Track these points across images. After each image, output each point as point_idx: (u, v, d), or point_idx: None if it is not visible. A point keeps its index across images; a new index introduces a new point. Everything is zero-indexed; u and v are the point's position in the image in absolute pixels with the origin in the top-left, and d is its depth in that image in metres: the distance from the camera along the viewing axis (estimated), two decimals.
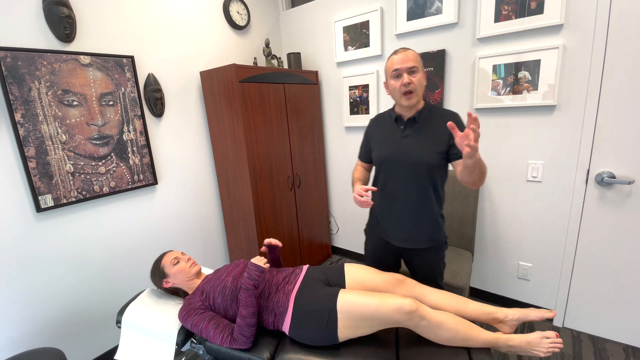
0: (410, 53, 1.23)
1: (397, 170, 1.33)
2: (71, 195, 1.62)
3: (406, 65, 1.21)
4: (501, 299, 2.12)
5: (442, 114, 1.31)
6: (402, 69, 1.21)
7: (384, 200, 1.40)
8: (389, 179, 1.37)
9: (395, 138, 1.33)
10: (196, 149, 2.19)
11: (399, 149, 1.31)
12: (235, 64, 1.87)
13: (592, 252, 1.74)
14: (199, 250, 2.28)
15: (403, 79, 1.22)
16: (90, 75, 1.64)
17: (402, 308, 1.10)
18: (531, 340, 1.17)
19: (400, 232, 1.38)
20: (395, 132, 1.34)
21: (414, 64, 1.22)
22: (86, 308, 1.74)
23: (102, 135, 1.70)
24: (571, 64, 1.61)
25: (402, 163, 1.31)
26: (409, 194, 1.32)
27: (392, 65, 1.25)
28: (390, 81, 1.28)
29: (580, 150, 1.67)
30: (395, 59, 1.24)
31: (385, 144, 1.37)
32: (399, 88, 1.24)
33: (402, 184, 1.33)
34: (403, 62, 1.21)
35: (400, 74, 1.22)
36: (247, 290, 1.21)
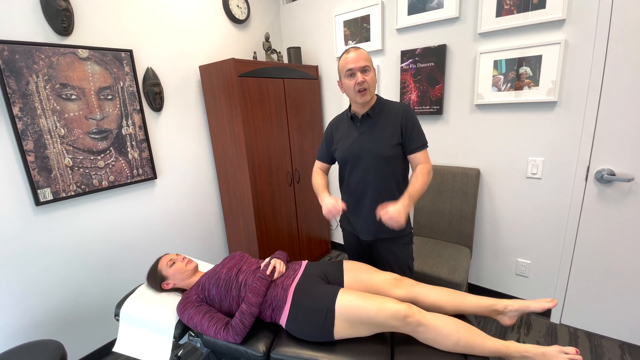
0: (362, 52, 1.28)
1: (358, 166, 1.39)
2: (70, 189, 1.63)
3: (359, 65, 1.25)
4: (499, 296, 2.12)
5: (394, 107, 1.37)
6: (356, 69, 1.25)
7: (350, 196, 1.46)
8: (352, 175, 1.42)
9: (353, 135, 1.39)
10: (195, 143, 2.19)
11: (358, 145, 1.36)
12: (234, 58, 1.86)
13: (591, 250, 1.74)
14: (197, 244, 2.29)
15: (357, 78, 1.26)
16: (89, 69, 1.64)
17: (398, 314, 1.10)
18: (547, 353, 1.08)
19: (366, 225, 1.43)
20: (352, 129, 1.40)
21: (366, 63, 1.27)
22: (85, 301, 1.75)
23: (100, 130, 1.70)
24: (573, 60, 1.59)
25: (362, 158, 1.36)
26: (372, 188, 1.38)
27: (345, 64, 1.28)
28: (344, 80, 1.31)
29: (580, 147, 1.66)
30: (348, 58, 1.27)
31: (345, 142, 1.41)
32: (354, 87, 1.27)
33: (364, 179, 1.38)
34: (356, 61, 1.25)
35: (354, 73, 1.26)
36: (263, 279, 1.27)
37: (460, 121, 2.00)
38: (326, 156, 1.55)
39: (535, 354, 1.09)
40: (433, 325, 1.12)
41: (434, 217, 2.11)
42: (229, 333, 1.18)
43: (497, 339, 1.13)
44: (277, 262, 1.38)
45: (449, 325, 1.13)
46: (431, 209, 2.12)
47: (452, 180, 2.02)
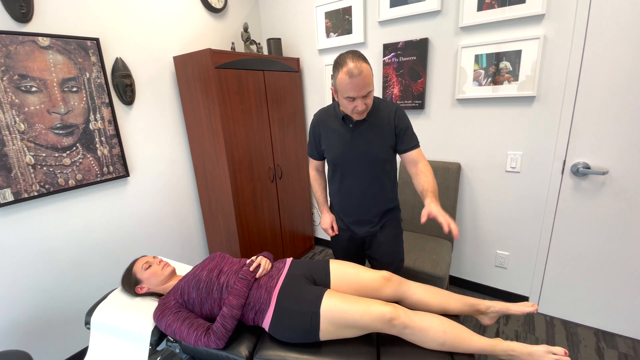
0: (366, 76, 1.11)
1: (352, 168, 1.37)
2: (33, 189, 1.51)
3: (362, 93, 1.12)
4: (479, 287, 2.17)
5: (385, 108, 1.32)
6: (358, 97, 1.13)
7: (343, 198, 1.44)
8: (345, 177, 1.39)
9: (346, 137, 1.32)
10: (171, 138, 2.08)
11: (352, 148, 1.32)
12: (211, 48, 1.77)
13: (566, 241, 1.80)
14: (176, 245, 2.20)
15: (357, 105, 1.15)
16: (50, 58, 1.51)
17: (383, 316, 1.08)
18: (534, 352, 1.08)
19: (360, 224, 1.44)
20: (344, 131, 1.32)
21: (369, 88, 1.14)
22: (54, 308, 1.65)
23: (65, 124, 1.58)
24: (551, 55, 1.61)
25: (357, 161, 1.33)
26: (366, 189, 1.37)
27: (346, 88, 1.12)
28: (342, 100, 1.19)
29: (557, 141, 1.69)
30: (350, 83, 1.10)
31: (337, 143, 1.34)
32: (351, 110, 1.19)
33: (358, 181, 1.37)
34: (359, 90, 1.11)
35: (354, 98, 1.14)
36: (244, 279, 1.22)
37: (441, 115, 2.00)
38: (317, 154, 1.48)
39: (522, 352, 1.10)
40: (420, 327, 1.11)
41: (416, 211, 2.12)
42: (210, 339, 1.13)
43: (484, 338, 1.13)
44: (263, 259, 1.34)
45: (435, 325, 1.12)
46: (413, 204, 2.12)
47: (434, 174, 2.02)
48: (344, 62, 1.11)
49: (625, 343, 1.74)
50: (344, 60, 1.12)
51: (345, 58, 1.12)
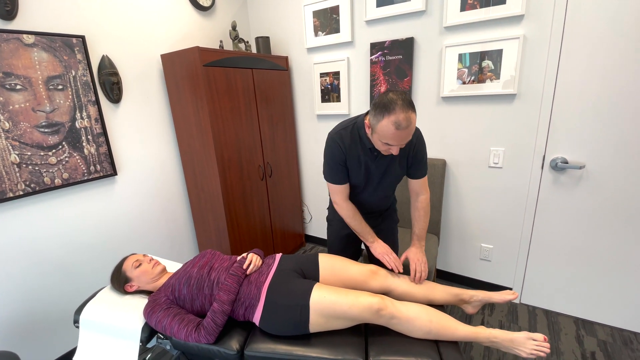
0: (411, 129, 1.08)
1: (369, 188, 1.40)
2: (18, 188, 1.49)
3: (403, 145, 1.14)
4: (465, 280, 2.23)
5: None
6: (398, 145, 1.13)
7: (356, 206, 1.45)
8: (360, 194, 1.43)
9: (370, 165, 1.33)
10: (159, 137, 2.08)
11: (373, 175, 1.36)
12: (199, 46, 1.77)
13: (547, 233, 1.87)
14: (165, 243, 2.19)
15: (392, 151, 1.17)
16: (35, 56, 1.49)
17: (371, 307, 1.12)
18: (515, 339, 1.13)
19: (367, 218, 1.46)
20: (369, 159, 1.31)
21: (410, 139, 1.14)
22: (42, 308, 1.63)
23: (51, 123, 1.57)
24: (531, 54, 1.67)
25: (375, 183, 1.38)
26: (376, 201, 1.46)
27: (388, 137, 1.09)
28: (377, 141, 1.16)
29: (537, 137, 1.76)
30: (394, 134, 1.07)
31: (362, 171, 1.34)
32: (385, 151, 1.20)
33: (372, 198, 1.43)
34: (401, 141, 1.11)
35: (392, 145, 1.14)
36: (234, 275, 1.24)
37: (427, 113, 2.05)
38: (345, 178, 1.36)
39: (504, 339, 1.14)
40: (406, 317, 1.14)
41: (404, 207, 2.16)
42: (200, 334, 1.14)
43: (468, 326, 1.18)
44: (254, 256, 1.36)
45: (421, 315, 1.16)
46: (401, 200, 2.16)
47: None
48: (393, 109, 1.04)
49: (604, 330, 1.82)
50: (393, 106, 1.04)
51: (395, 105, 1.04)
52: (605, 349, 1.70)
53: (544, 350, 1.10)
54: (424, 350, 1.11)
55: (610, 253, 1.73)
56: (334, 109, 2.40)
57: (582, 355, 1.66)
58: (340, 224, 1.52)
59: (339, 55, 2.27)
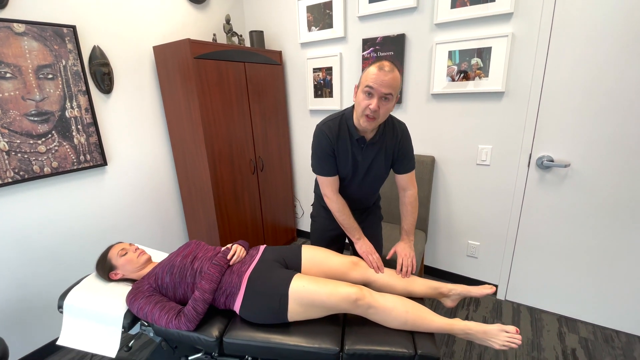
0: (392, 76, 1.10)
1: (355, 184, 1.41)
2: (7, 175, 1.51)
3: (382, 90, 1.11)
4: (452, 276, 2.25)
5: (394, 128, 1.35)
6: (376, 91, 1.11)
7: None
8: (347, 188, 1.43)
9: (357, 158, 1.34)
10: (151, 128, 2.09)
11: (360, 168, 1.36)
12: (190, 39, 1.79)
13: (532, 231, 1.88)
14: (155, 234, 2.21)
15: (372, 103, 1.12)
16: (26, 45, 1.50)
17: (349, 297, 1.14)
18: (488, 331, 1.15)
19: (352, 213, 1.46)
20: (356, 151, 1.32)
21: (390, 91, 1.12)
22: (30, 295, 1.65)
23: (40, 112, 1.58)
24: (519, 52, 1.68)
25: (361, 177, 1.39)
26: (362, 196, 1.47)
27: (368, 79, 1.12)
28: (360, 93, 1.17)
29: (524, 135, 1.77)
30: (373, 74, 1.11)
31: (349, 163, 1.34)
32: (364, 108, 1.15)
33: (356, 191, 1.44)
34: (380, 85, 1.10)
35: (372, 94, 1.13)
36: (217, 265, 1.26)
37: (417, 110, 2.06)
38: (334, 169, 1.36)
39: (477, 331, 1.17)
40: (383, 307, 1.16)
41: (392, 203, 2.18)
42: (181, 321, 1.16)
43: (444, 318, 1.20)
44: (238, 247, 1.38)
45: (398, 306, 1.18)
46: (390, 195, 2.18)
47: None
48: (379, 61, 1.14)
49: (586, 328, 1.84)
50: (379, 60, 1.15)
51: (382, 59, 1.17)
52: (586, 346, 1.72)
53: (515, 342, 1.11)
54: (399, 340, 1.12)
55: (594, 251, 1.74)
56: (326, 104, 2.41)
57: (563, 352, 1.69)
58: (324, 222, 1.54)
59: (332, 50, 2.28)
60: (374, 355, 1.10)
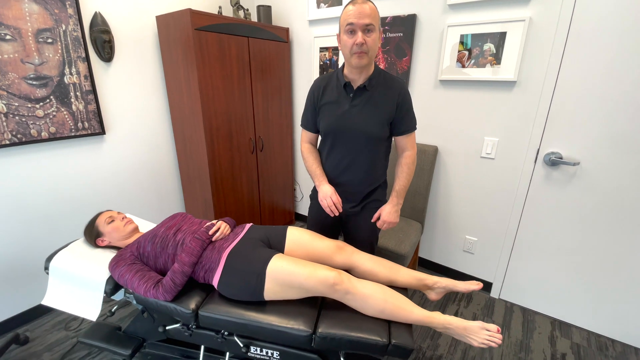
0: (368, 6, 1.10)
1: (343, 142, 1.30)
2: (4, 137, 1.53)
3: (362, 22, 1.08)
4: (447, 270, 2.20)
5: (391, 82, 1.26)
6: (357, 25, 1.09)
7: (330, 170, 1.39)
8: (333, 150, 1.34)
9: (344, 107, 1.26)
10: (151, 99, 2.08)
11: (347, 121, 1.25)
12: (191, 9, 1.74)
13: (533, 230, 1.80)
14: (153, 205, 2.24)
15: (356, 38, 1.10)
16: (26, 7, 1.49)
17: (326, 281, 1.11)
18: (468, 327, 1.12)
19: (345, 199, 1.38)
20: (343, 100, 1.26)
21: (370, 20, 1.09)
22: (22, 258, 1.70)
23: (39, 76, 1.58)
24: (535, 39, 1.56)
25: (350, 135, 1.27)
26: (353, 165, 1.32)
27: (346, 17, 1.11)
28: (343, 36, 1.16)
29: (533, 129, 1.67)
30: (350, 10, 1.10)
31: (334, 113, 1.28)
32: (351, 47, 1.13)
33: (347, 156, 1.31)
34: (359, 16, 1.09)
35: (354, 30, 1.10)
36: (199, 239, 1.25)
37: (424, 96, 1.97)
38: (314, 124, 1.38)
39: (457, 327, 1.13)
40: (361, 294, 1.14)
41: None
42: (158, 291, 1.17)
43: (424, 310, 1.16)
44: (222, 224, 1.37)
45: (376, 293, 1.15)
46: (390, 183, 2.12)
47: None
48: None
49: (580, 334, 1.77)
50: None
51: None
52: (577, 352, 1.66)
53: (495, 341, 1.08)
54: (374, 328, 1.10)
55: (597, 256, 1.66)
56: None
57: (552, 356, 1.63)
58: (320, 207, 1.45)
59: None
60: (347, 340, 1.08)
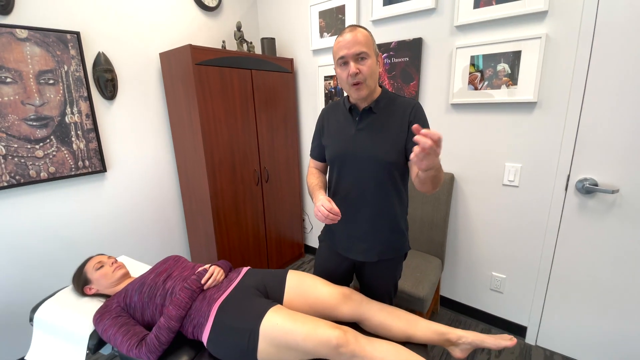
0: (359, 34, 1.01)
1: (351, 170, 1.14)
2: (2, 179, 1.50)
3: (353, 51, 1.00)
4: (473, 312, 1.97)
5: (401, 103, 1.11)
6: (349, 56, 1.01)
7: (337, 206, 1.19)
8: (341, 180, 1.17)
9: (350, 132, 1.14)
10: (155, 136, 2.05)
11: (353, 145, 1.12)
12: (191, 44, 1.73)
13: (570, 266, 1.58)
14: (155, 245, 2.15)
15: (350, 69, 1.01)
16: (28, 50, 1.51)
17: (328, 342, 0.96)
18: None
19: (353, 242, 1.20)
20: (349, 124, 1.15)
21: (362, 48, 1.00)
22: (20, 302, 1.62)
23: (40, 116, 1.58)
24: (554, 57, 1.44)
25: (357, 161, 1.12)
26: (364, 198, 1.14)
27: (337, 50, 1.04)
28: (337, 69, 1.07)
29: (561, 153, 1.50)
30: (340, 42, 1.03)
31: (339, 138, 1.17)
32: (346, 79, 1.04)
33: (356, 186, 1.14)
34: (349, 46, 1.00)
35: (347, 61, 1.02)
36: (188, 289, 1.13)
37: (435, 121, 1.85)
38: (318, 152, 1.30)
39: None
40: (370, 357, 0.97)
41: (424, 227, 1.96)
42: (141, 350, 1.04)
43: None
44: (216, 269, 1.25)
45: (390, 356, 0.98)
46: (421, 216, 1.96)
47: None
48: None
49: None
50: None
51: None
52: None
53: None
54: None
55: None
56: None
57: None
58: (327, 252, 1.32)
59: None
60: None
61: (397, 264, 1.26)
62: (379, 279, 1.26)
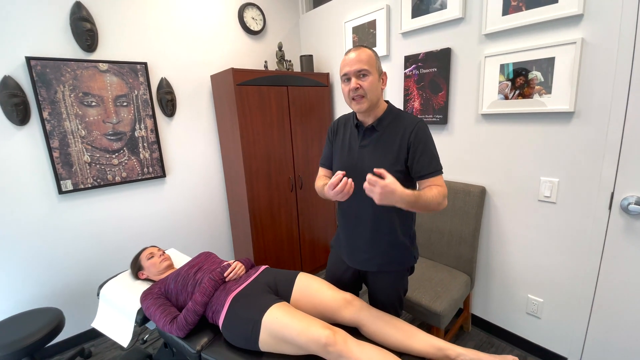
0: (362, 53, 1.08)
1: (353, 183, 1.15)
2: (87, 182, 1.90)
3: (354, 69, 1.08)
4: (507, 335, 1.83)
5: (404, 121, 1.15)
6: (351, 73, 1.09)
7: (341, 217, 1.31)
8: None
9: (354, 147, 1.21)
10: (206, 146, 2.36)
11: (355, 161, 1.19)
12: (233, 68, 1.97)
13: (616, 293, 1.40)
14: (204, 242, 2.45)
15: (351, 84, 1.10)
16: (108, 80, 1.90)
17: (318, 340, 1.04)
18: None
19: (355, 252, 1.27)
20: (354, 140, 1.21)
21: (363, 66, 1.07)
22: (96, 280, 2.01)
23: (116, 132, 1.95)
24: (592, 62, 1.32)
25: (358, 175, 1.14)
26: (365, 211, 1.19)
27: (342, 68, 1.13)
28: (342, 85, 1.15)
29: (603, 168, 1.35)
30: (345, 61, 1.11)
31: (343, 153, 1.24)
32: (348, 93, 1.12)
33: (357, 200, 1.16)
34: (352, 64, 1.08)
35: (350, 77, 1.10)
36: (212, 280, 1.32)
37: (465, 132, 1.80)
38: (328, 161, 1.36)
39: None
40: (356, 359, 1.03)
41: (433, 237, 1.92)
42: (172, 327, 1.25)
43: None
44: (237, 264, 1.42)
45: None
46: (430, 227, 1.93)
47: (453, 197, 1.82)
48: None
49: None
50: None
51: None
52: None
53: None
54: None
55: None
56: None
57: None
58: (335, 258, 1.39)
59: None
60: None
61: (400, 277, 1.28)
62: (381, 289, 1.30)
